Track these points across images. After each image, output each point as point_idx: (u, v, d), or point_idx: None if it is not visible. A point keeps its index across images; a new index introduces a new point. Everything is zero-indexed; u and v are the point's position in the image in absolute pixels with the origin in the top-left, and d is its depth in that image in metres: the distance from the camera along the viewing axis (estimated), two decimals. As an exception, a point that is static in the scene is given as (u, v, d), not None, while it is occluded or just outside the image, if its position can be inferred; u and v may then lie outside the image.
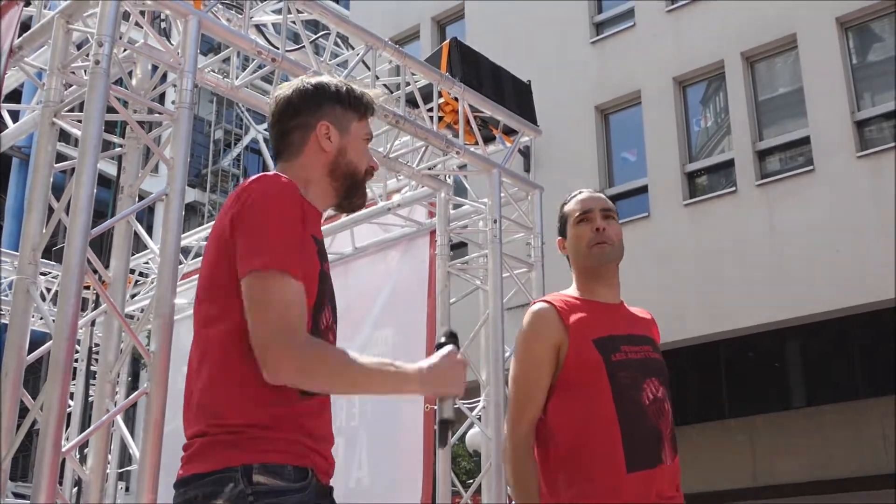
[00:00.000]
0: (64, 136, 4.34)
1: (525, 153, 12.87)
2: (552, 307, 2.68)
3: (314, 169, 2.16)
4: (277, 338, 1.88)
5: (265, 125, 25.80)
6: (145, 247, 8.56)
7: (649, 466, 2.52)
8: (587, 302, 2.72)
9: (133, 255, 6.00)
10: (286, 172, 2.13)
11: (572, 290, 2.79)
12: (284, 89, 2.23)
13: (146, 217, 21.11)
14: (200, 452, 1.94)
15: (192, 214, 27.08)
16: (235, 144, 29.56)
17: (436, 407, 2.10)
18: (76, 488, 6.83)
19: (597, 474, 2.52)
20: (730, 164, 12.82)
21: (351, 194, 2.21)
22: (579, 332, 2.62)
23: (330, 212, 2.33)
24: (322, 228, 2.23)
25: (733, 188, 12.54)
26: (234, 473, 1.88)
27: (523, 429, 2.64)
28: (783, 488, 12.23)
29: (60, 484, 3.82)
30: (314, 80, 2.23)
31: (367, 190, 2.32)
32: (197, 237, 8.36)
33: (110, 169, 7.82)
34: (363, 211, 6.92)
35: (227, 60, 5.71)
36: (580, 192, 2.87)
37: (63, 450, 3.60)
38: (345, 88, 2.21)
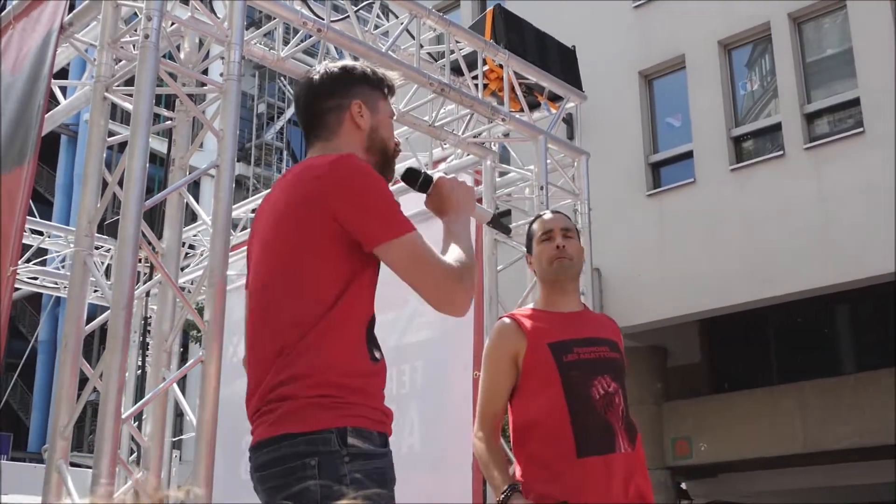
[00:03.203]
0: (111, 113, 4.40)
1: (567, 121, 12.75)
2: (513, 320, 3.07)
3: (352, 146, 2.26)
4: (446, 278, 2.13)
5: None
6: (193, 220, 8.69)
7: (601, 453, 2.86)
8: (547, 312, 3.10)
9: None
10: (324, 152, 2.23)
11: (537, 303, 3.19)
12: (312, 73, 2.34)
13: (190, 191, 21.34)
14: (290, 414, 2.02)
15: (238, 188, 27.31)
16: (278, 118, 29.69)
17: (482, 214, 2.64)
18: (132, 456, 6.99)
19: (550, 461, 2.89)
20: (777, 127, 12.60)
21: (384, 169, 2.30)
22: (536, 338, 2.99)
23: None
24: None
25: (781, 152, 12.33)
26: (330, 435, 1.98)
27: (487, 426, 3.06)
28: (833, 454, 12.12)
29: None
30: (339, 63, 2.37)
31: (413, 158, 2.50)
32: (244, 209, 8.46)
33: (155, 144, 7.91)
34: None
35: (268, 34, 5.74)
36: (544, 213, 3.29)
37: (122, 417, 3.68)
38: (370, 70, 2.35)
